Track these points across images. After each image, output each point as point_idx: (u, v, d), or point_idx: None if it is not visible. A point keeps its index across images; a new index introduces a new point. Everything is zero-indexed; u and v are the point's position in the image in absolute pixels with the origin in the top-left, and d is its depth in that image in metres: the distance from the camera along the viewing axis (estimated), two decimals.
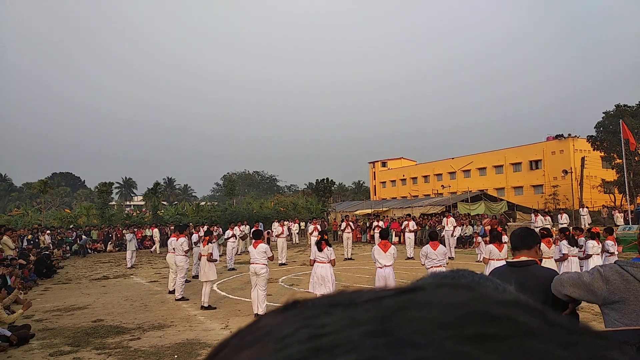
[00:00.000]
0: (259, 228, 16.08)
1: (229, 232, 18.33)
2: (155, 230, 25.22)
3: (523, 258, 3.00)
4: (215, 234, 13.43)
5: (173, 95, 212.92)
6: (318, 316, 0.26)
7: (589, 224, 23.51)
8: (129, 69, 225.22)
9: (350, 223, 20.85)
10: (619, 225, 20.55)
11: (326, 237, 9.44)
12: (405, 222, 20.43)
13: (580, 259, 10.08)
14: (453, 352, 0.22)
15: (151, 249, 25.06)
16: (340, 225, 23.17)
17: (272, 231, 22.92)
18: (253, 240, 9.63)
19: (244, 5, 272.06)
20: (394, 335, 0.23)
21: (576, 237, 10.49)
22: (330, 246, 9.18)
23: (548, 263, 8.64)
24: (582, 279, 2.64)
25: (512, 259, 3.12)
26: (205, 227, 17.39)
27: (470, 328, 0.23)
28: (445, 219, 20.97)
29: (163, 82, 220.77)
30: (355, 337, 0.23)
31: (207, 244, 10.34)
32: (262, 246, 9.32)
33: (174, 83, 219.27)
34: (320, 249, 9.07)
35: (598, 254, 9.91)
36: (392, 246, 9.06)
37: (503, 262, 8.50)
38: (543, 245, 7.89)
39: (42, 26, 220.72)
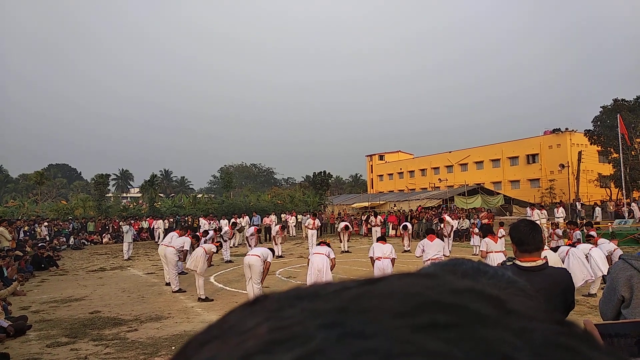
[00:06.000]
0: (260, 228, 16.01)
1: (225, 228, 18.31)
2: (160, 221, 25.83)
3: (539, 262, 2.75)
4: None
5: (171, 92, 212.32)
6: (282, 309, 0.26)
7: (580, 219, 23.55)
8: (127, 66, 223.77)
9: (348, 224, 20.60)
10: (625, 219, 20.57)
11: (329, 242, 9.60)
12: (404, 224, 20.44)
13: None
14: (402, 341, 0.22)
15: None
16: (337, 221, 23.16)
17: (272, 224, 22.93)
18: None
19: (241, 5, 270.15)
20: (346, 326, 0.23)
21: (570, 232, 10.52)
22: (329, 246, 9.25)
23: (547, 254, 8.64)
24: (607, 301, 2.71)
25: (521, 260, 2.78)
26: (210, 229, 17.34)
27: (423, 317, 0.23)
28: (444, 214, 21.11)
29: (162, 79, 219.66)
30: (310, 329, 0.23)
31: (213, 243, 10.40)
32: (266, 251, 9.40)
33: (173, 81, 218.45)
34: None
35: (595, 247, 9.92)
36: (390, 245, 9.36)
37: (502, 255, 8.63)
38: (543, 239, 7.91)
39: (38, 24, 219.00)
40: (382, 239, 9.75)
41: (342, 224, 19.49)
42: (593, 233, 10.68)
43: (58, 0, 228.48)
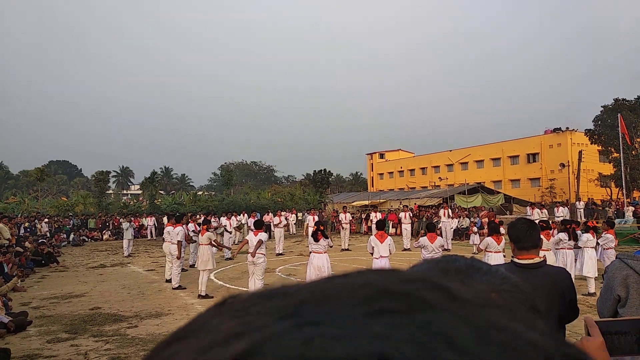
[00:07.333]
0: (257, 218, 16.03)
1: (225, 223, 18.36)
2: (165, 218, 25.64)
3: (536, 259, 2.75)
4: (213, 223, 13.49)
5: (173, 95, 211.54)
6: (247, 308, 0.28)
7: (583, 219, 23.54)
8: (129, 73, 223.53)
9: (348, 214, 20.88)
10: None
11: (322, 228, 9.48)
12: (403, 214, 20.48)
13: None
14: (349, 327, 0.24)
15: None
16: (338, 217, 23.20)
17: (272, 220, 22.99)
18: (254, 230, 9.72)
19: (245, 16, 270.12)
20: (301, 316, 0.25)
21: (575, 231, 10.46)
22: (326, 237, 9.23)
23: (547, 255, 8.66)
24: (604, 300, 2.73)
25: (519, 257, 2.78)
26: (202, 217, 17.41)
27: (372, 305, 0.26)
28: (442, 210, 21.06)
29: (165, 84, 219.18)
30: (268, 322, 0.25)
31: (206, 232, 10.38)
32: (263, 235, 9.41)
33: (175, 85, 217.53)
34: (316, 240, 9.12)
35: (593, 247, 9.93)
36: (389, 237, 9.11)
37: (501, 255, 8.62)
38: (542, 238, 7.89)
39: (41, 30, 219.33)
40: (381, 228, 9.43)
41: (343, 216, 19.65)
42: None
43: (64, 14, 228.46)
